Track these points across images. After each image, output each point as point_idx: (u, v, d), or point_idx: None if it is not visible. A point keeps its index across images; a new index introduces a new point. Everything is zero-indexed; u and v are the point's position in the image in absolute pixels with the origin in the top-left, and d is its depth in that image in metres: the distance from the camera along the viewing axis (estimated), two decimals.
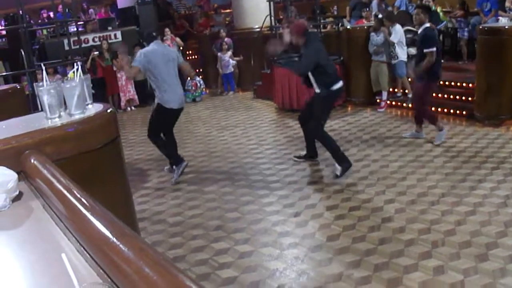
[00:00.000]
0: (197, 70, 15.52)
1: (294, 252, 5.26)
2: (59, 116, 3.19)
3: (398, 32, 10.48)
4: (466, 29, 13.05)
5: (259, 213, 6.27)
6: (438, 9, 13.41)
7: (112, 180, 3.26)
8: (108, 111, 3.34)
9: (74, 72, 3.32)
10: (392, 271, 4.72)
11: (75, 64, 3.54)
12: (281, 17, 16.58)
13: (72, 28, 14.12)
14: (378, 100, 11.33)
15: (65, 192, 2.09)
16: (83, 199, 1.95)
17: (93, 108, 3.39)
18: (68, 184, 2.17)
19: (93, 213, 1.79)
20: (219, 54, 14.61)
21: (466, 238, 5.23)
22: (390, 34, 10.53)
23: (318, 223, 5.84)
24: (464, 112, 9.94)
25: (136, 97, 14.08)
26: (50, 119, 3.16)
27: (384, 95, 11.13)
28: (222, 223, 6.11)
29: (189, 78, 14.43)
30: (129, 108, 14.00)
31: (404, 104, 10.91)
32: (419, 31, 8.27)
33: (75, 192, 2.05)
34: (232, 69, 14.73)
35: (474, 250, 4.99)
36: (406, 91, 11.03)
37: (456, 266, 4.72)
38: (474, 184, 6.63)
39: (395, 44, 10.51)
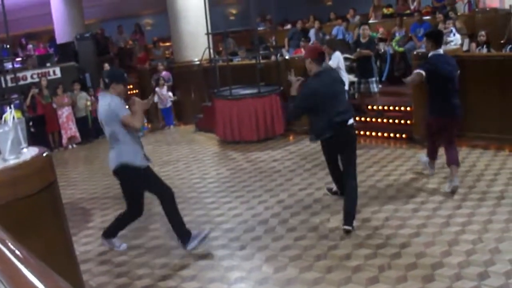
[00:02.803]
0: None
1: (241, 286, 5.23)
2: None
3: (336, 58, 10.63)
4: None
5: (205, 249, 6.21)
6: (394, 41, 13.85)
7: (50, 225, 3.18)
8: (44, 155, 3.27)
9: (9, 113, 3.26)
10: None
11: (8, 107, 3.47)
12: (220, 49, 16.69)
13: (10, 65, 13.82)
14: None
15: None
16: (16, 251, 1.89)
17: (28, 152, 3.32)
18: (1, 234, 2.10)
19: (27, 266, 1.74)
20: (157, 89, 14.49)
21: (412, 260, 5.31)
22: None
23: (265, 255, 5.82)
24: (404, 135, 10.15)
25: (77, 134, 13.84)
26: None
27: None
28: (168, 260, 6.02)
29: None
30: (70, 146, 13.75)
31: None
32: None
33: (8, 243, 1.98)
34: (171, 104, 14.66)
35: (420, 272, 5.06)
36: None
37: None
38: (416, 206, 6.76)
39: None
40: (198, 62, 14.25)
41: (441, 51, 7.37)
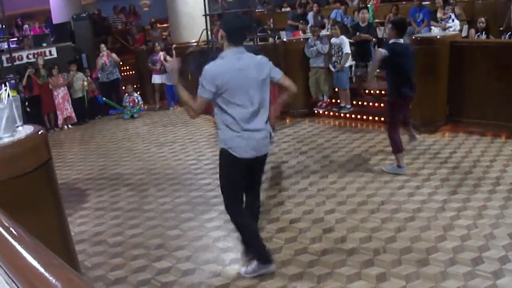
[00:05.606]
0: (135, 86, 15.32)
1: (236, 267, 5.22)
2: None
3: (348, 43, 10.67)
4: None
5: (200, 230, 6.21)
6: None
7: (45, 204, 3.17)
8: (39, 133, 3.25)
9: (4, 91, 3.23)
10: (335, 282, 4.75)
11: (3, 85, 3.43)
12: None
13: (5, 45, 13.74)
14: (319, 104, 11.59)
15: None
16: (11, 228, 1.88)
17: (23, 131, 3.30)
18: None
19: (21, 243, 1.73)
20: (167, 65, 14.33)
21: (406, 244, 5.32)
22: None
23: None
24: None
25: (73, 114, 13.79)
26: None
27: (325, 97, 11.35)
28: (163, 241, 6.02)
29: (126, 94, 14.23)
30: (66, 127, 13.71)
31: (342, 114, 11.03)
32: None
33: (2, 220, 1.97)
34: None
35: (415, 256, 5.07)
36: (343, 101, 11.15)
37: (398, 273, 4.79)
38: (412, 191, 6.75)
39: (343, 56, 10.65)
40: (195, 44, 14.18)
41: (401, 40, 7.54)
